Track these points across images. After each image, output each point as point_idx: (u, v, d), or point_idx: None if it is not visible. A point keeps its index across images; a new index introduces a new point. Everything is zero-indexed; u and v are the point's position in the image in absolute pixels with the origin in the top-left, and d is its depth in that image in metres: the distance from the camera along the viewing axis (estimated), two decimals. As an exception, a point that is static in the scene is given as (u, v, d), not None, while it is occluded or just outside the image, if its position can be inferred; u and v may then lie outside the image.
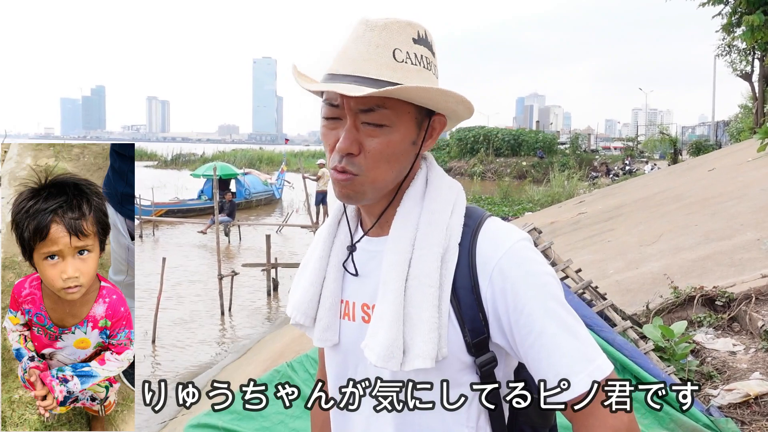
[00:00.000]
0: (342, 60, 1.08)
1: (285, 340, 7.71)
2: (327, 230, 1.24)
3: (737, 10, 20.16)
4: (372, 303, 1.13)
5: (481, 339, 1.07)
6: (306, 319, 1.21)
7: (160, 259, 8.77)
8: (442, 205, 1.12)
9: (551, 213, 15.28)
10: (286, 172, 28.78)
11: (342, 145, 1.06)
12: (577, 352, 1.02)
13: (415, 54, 1.08)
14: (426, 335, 1.04)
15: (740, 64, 25.27)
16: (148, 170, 49.62)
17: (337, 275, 1.19)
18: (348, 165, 1.07)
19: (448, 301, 1.06)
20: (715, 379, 3.53)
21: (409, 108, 1.08)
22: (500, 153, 42.41)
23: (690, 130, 50.38)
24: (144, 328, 8.63)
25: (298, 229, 16.86)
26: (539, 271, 1.06)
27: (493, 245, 1.07)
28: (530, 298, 1.03)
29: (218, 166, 20.12)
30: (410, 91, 1.03)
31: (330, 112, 1.09)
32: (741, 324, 4.27)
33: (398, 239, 1.10)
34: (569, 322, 1.04)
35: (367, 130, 1.06)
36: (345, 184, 1.08)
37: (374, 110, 1.05)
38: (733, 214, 7.65)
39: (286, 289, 11.17)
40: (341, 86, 1.03)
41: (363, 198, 1.11)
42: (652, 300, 4.71)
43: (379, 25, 1.07)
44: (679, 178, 15.04)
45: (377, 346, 1.06)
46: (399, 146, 1.08)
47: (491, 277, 1.05)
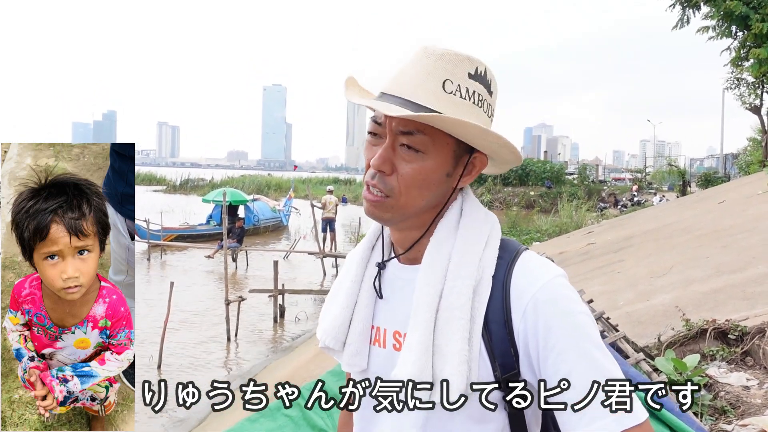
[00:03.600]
0: (395, 82, 1.09)
1: (292, 366, 7.66)
2: (361, 254, 1.23)
3: (745, 43, 20.29)
4: (404, 331, 1.11)
5: (511, 374, 1.04)
6: (336, 343, 1.19)
7: (168, 284, 8.76)
8: (476, 237, 1.10)
9: (559, 243, 15.22)
10: (294, 199, 28.87)
11: (376, 162, 1.07)
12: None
13: (467, 88, 1.07)
14: (456, 367, 1.02)
15: (749, 98, 25.34)
16: (157, 195, 49.91)
17: (369, 300, 1.18)
18: (379, 183, 1.07)
19: (479, 334, 1.04)
20: (728, 414, 3.47)
21: (449, 140, 1.07)
22: (508, 182, 42.43)
23: (698, 162, 50.36)
24: (150, 352, 8.60)
25: (306, 256, 16.86)
26: (575, 309, 1.02)
27: (528, 280, 1.05)
28: (563, 336, 1.00)
29: (228, 192, 20.24)
30: (445, 120, 1.02)
31: (374, 129, 1.10)
32: (754, 358, 4.21)
33: (430, 269, 1.09)
34: (603, 364, 0.99)
35: (403, 153, 1.07)
36: (374, 202, 1.09)
37: (413, 134, 1.05)
38: (744, 247, 7.60)
39: (292, 315, 11.13)
40: (381, 104, 1.05)
41: (389, 220, 1.11)
42: (663, 332, 4.66)
43: (436, 54, 1.07)
44: (688, 210, 14.98)
45: (405, 375, 1.05)
46: (432, 175, 1.07)
47: (525, 312, 1.03)
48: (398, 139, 1.07)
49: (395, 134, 1.06)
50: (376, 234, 1.25)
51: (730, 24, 20.67)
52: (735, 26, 20.69)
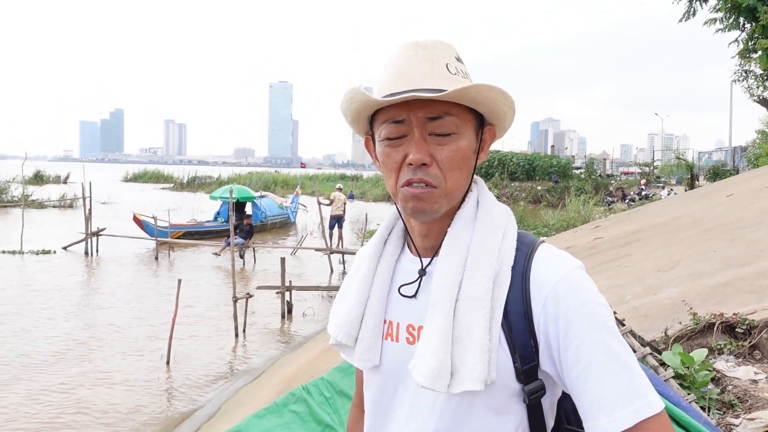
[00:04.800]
0: (399, 80, 1.09)
1: (299, 363, 7.69)
2: (373, 249, 1.23)
3: (753, 35, 20.15)
4: (418, 324, 1.12)
5: (531, 366, 1.05)
6: (348, 338, 1.19)
7: (176, 281, 8.80)
8: (493, 228, 1.12)
9: (567, 238, 15.18)
10: (300, 195, 28.91)
11: (416, 156, 1.06)
12: (626, 386, 0.97)
13: (461, 70, 1.13)
14: (477, 357, 1.02)
15: (757, 90, 25.16)
16: (165, 192, 50.07)
17: (381, 295, 1.18)
18: (424, 176, 1.07)
19: (499, 324, 1.05)
20: (736, 408, 3.46)
21: (470, 116, 1.11)
22: (515, 177, 42.34)
23: (707, 155, 50.07)
24: (159, 348, 8.65)
25: (313, 252, 16.89)
26: (594, 301, 1.03)
27: (548, 271, 1.06)
28: (582, 327, 1.00)
29: (235, 189, 20.29)
30: (480, 88, 1.05)
31: (394, 131, 1.09)
32: (762, 352, 4.19)
33: (449, 260, 1.09)
34: (621, 354, 1.00)
35: (435, 140, 1.08)
36: (423, 196, 1.08)
37: (442, 117, 1.07)
38: (752, 240, 7.56)
39: (300, 312, 11.16)
40: (415, 94, 1.04)
41: (438, 210, 1.10)
42: (670, 326, 4.64)
43: (429, 44, 1.12)
44: (696, 203, 14.91)
45: (424, 366, 1.05)
46: (466, 153, 1.10)
47: (545, 304, 1.03)
48: (426, 128, 1.08)
49: (423, 124, 1.08)
50: (388, 228, 1.26)
51: (738, 16, 20.53)
52: (743, 18, 20.55)
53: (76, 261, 16.24)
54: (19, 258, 16.19)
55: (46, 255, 16.72)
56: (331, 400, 2.86)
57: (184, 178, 58.03)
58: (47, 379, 7.61)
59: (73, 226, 21.05)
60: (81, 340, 9.24)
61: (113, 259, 16.72)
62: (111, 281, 13.85)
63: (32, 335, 9.37)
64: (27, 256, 16.51)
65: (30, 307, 11.04)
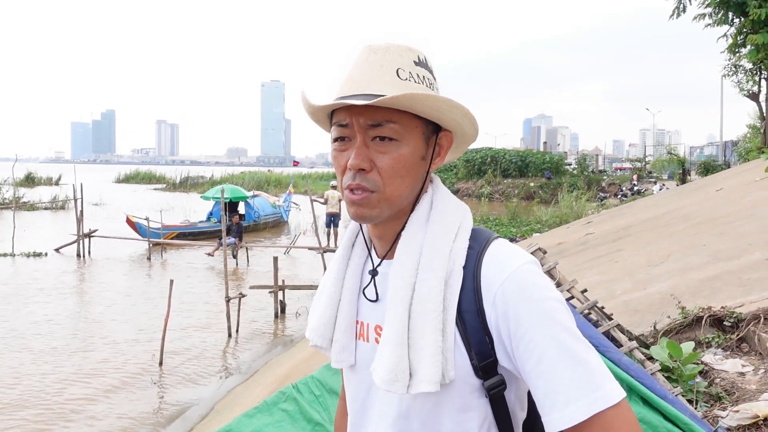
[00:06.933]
0: (348, 84, 1.11)
1: (292, 362, 7.69)
2: (341, 252, 1.26)
3: (743, 30, 20.26)
4: (384, 325, 1.14)
5: (488, 362, 1.06)
6: (323, 341, 1.22)
7: (168, 282, 8.79)
8: (445, 229, 1.12)
9: (559, 234, 15.23)
10: (293, 194, 28.86)
11: (353, 162, 1.08)
12: (579, 379, 0.97)
13: (417, 74, 1.12)
14: (430, 359, 1.04)
15: (747, 84, 25.32)
16: (157, 193, 49.91)
17: (351, 297, 1.21)
18: (362, 181, 1.08)
19: (453, 324, 1.06)
20: (723, 400, 3.49)
21: (417, 122, 1.10)
22: (508, 174, 42.44)
23: (698, 150, 50.32)
24: (152, 349, 8.64)
25: (306, 251, 16.88)
26: (543, 296, 1.03)
27: (496, 269, 1.06)
28: (532, 323, 1.01)
29: (227, 188, 20.23)
30: (416, 97, 1.04)
31: (340, 132, 1.11)
32: (750, 344, 4.23)
33: (402, 264, 1.11)
34: (573, 348, 0.99)
35: (377, 146, 1.09)
36: (361, 202, 1.09)
37: (383, 125, 1.07)
38: (741, 234, 7.61)
39: (293, 311, 11.16)
40: (352, 100, 1.06)
41: (378, 216, 1.11)
42: (659, 320, 4.68)
43: (382, 48, 1.12)
44: (687, 198, 14.99)
45: (382, 369, 1.07)
46: (409, 160, 1.10)
47: (494, 302, 1.04)
48: (368, 134, 1.09)
49: (365, 129, 1.08)
50: (355, 232, 1.27)
51: (727, 11, 20.65)
52: (732, 13, 20.67)
53: (68, 263, 16.18)
54: (10, 260, 16.12)
55: (37, 257, 16.66)
56: (321, 398, 2.87)
57: (176, 178, 57.87)
58: (39, 380, 7.60)
59: (65, 227, 20.96)
60: (72, 340, 9.22)
61: (105, 261, 16.66)
62: (103, 282, 13.80)
63: (24, 336, 9.34)
64: (18, 258, 16.44)
65: (22, 309, 10.99)
